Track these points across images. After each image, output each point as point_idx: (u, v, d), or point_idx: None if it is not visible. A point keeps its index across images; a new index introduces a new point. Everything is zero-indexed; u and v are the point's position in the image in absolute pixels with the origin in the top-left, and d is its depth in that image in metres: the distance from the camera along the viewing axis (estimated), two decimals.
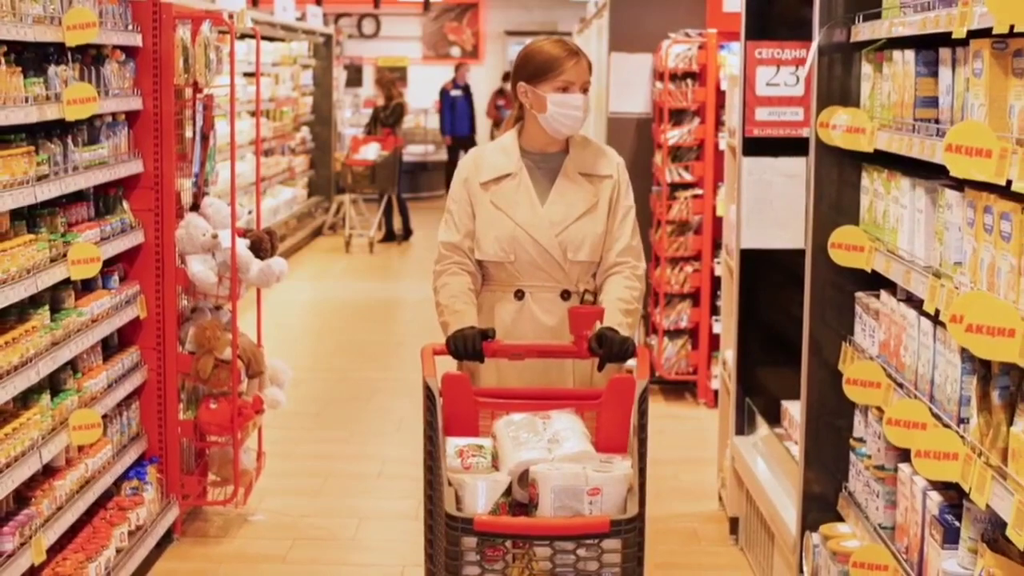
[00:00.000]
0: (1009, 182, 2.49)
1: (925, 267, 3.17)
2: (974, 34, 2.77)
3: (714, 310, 7.35)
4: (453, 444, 3.24)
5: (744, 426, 5.22)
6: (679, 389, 7.67)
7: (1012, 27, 2.43)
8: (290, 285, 10.71)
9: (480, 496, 3.06)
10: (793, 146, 4.95)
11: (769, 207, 5.04)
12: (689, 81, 7.44)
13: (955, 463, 2.80)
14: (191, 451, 5.37)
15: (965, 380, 2.88)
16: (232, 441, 5.31)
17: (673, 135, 7.44)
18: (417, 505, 5.58)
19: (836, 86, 3.89)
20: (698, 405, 7.47)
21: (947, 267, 3.00)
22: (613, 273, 3.79)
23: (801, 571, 4.01)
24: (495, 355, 3.61)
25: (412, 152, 18.18)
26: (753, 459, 4.98)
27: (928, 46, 3.21)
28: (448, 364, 3.66)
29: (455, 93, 18.90)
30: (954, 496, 3.02)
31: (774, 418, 4.97)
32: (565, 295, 3.79)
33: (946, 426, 2.93)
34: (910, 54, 3.26)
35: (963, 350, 2.84)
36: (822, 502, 3.97)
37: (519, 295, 3.80)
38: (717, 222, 7.15)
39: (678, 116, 7.51)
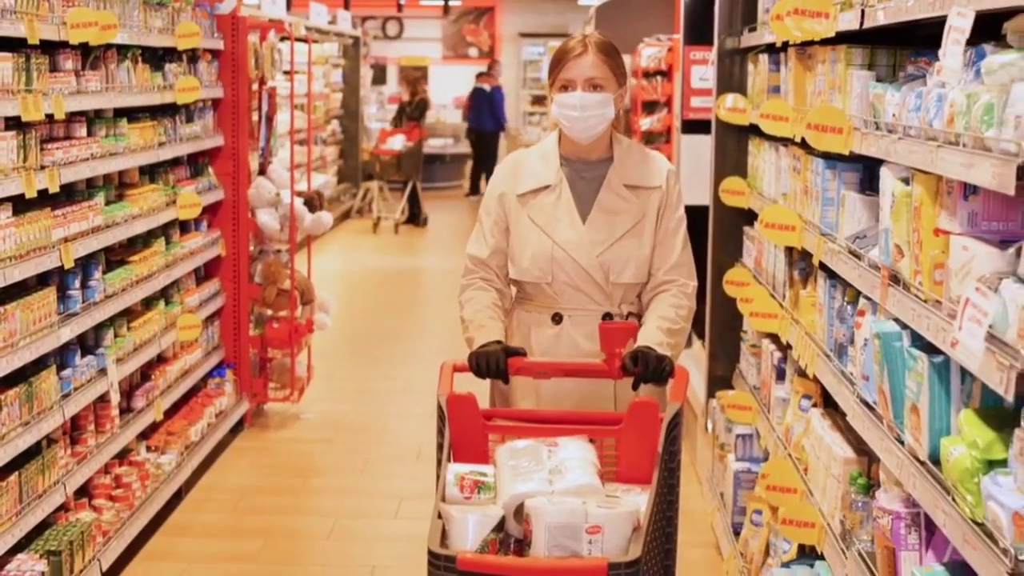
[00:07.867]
0: (795, 136, 4.02)
1: (772, 201, 4.68)
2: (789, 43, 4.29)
3: None
4: (454, 471, 2.92)
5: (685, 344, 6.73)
6: None
7: (786, 41, 3.95)
8: (324, 259, 12.26)
9: (469, 531, 2.75)
10: None
11: (702, 173, 6.54)
12: (659, 78, 8.98)
13: (775, 320, 4.33)
14: (257, 361, 6.93)
15: (786, 269, 4.40)
16: (290, 353, 6.88)
17: (645, 123, 8.98)
18: (433, 410, 7.12)
19: (734, 80, 5.42)
20: None
21: (780, 197, 4.52)
22: (660, 291, 3.50)
23: (707, 429, 5.55)
24: (519, 373, 3.29)
25: (432, 145, 19.28)
26: (689, 367, 6.47)
27: (779, 51, 4.73)
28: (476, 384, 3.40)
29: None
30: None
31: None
32: (607, 319, 3.47)
33: (774, 298, 4.46)
34: (765, 56, 4.78)
35: (785, 248, 4.37)
36: (722, 381, 5.50)
37: (557, 319, 3.49)
38: None
39: (650, 107, 9.05)
